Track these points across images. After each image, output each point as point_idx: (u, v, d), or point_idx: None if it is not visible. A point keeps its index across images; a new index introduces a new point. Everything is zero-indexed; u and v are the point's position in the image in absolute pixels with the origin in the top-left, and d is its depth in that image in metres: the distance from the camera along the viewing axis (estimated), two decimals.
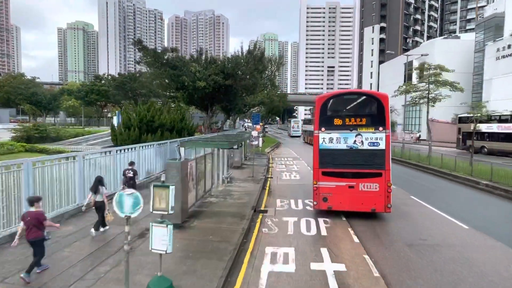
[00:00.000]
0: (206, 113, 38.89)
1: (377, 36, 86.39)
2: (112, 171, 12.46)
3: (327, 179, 10.61)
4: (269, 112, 67.34)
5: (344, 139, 10.47)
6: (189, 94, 34.23)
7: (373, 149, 10.26)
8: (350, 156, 10.42)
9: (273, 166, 24.75)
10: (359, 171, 10.35)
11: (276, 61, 43.28)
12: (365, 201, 10.37)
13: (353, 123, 10.48)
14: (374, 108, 10.60)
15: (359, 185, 10.34)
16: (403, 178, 19.34)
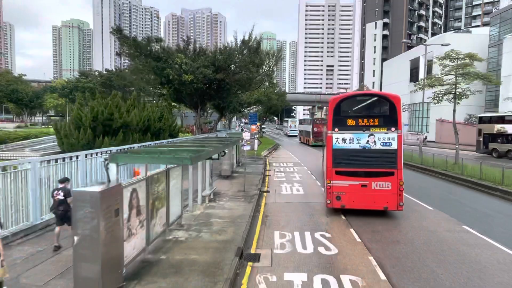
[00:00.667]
0: (196, 111, 34.78)
1: (380, 32, 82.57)
2: (32, 194, 8.42)
3: (340, 178, 10.82)
4: (266, 112, 63.42)
5: (357, 139, 10.70)
6: (176, 90, 30.15)
7: (385, 149, 10.49)
8: (363, 155, 10.63)
9: (270, 174, 20.73)
10: (371, 170, 10.57)
11: (274, 54, 39.19)
12: (378, 200, 10.57)
13: (366, 124, 10.72)
14: (387, 109, 10.81)
15: (372, 184, 10.54)
16: (437, 194, 15.21)
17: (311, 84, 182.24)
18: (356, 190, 10.64)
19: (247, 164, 23.85)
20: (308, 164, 25.81)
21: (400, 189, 10.41)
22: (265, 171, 21.77)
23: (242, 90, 39.64)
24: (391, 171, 10.38)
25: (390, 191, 10.41)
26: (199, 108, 33.89)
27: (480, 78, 21.55)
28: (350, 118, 10.96)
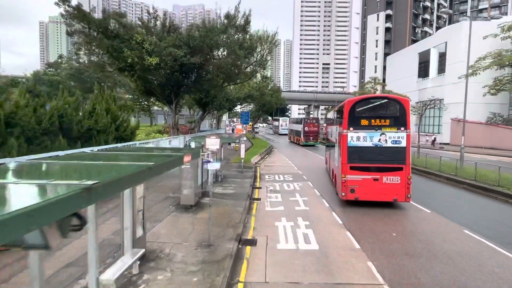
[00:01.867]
0: (170, 107, 27.91)
1: (383, 24, 76.49)
2: None
3: (354, 173, 11.99)
4: (259, 110, 56.79)
5: (370, 137, 11.82)
6: (141, 79, 23.25)
7: (395, 147, 11.66)
8: (375, 152, 11.82)
9: (260, 197, 14.02)
10: (383, 166, 11.81)
11: (268, 40, 32.43)
12: (388, 192, 11.89)
13: (378, 124, 11.82)
14: (397, 110, 11.87)
15: (383, 178, 11.82)
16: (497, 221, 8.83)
17: (306, 82, 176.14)
18: (368, 183, 11.95)
19: (229, 178, 17.14)
20: (313, 177, 19.16)
21: (408, 182, 11.70)
22: (253, 191, 15.05)
23: (229, 82, 32.87)
24: (400, 167, 11.72)
25: (399, 185, 11.74)
26: (174, 103, 27.00)
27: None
28: (363, 118, 11.98)
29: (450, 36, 48.19)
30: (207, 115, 38.74)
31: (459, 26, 46.86)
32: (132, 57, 20.38)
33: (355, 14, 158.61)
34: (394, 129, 11.64)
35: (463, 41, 45.47)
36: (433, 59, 52.62)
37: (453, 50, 47.17)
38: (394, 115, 11.86)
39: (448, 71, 48.12)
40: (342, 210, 12.01)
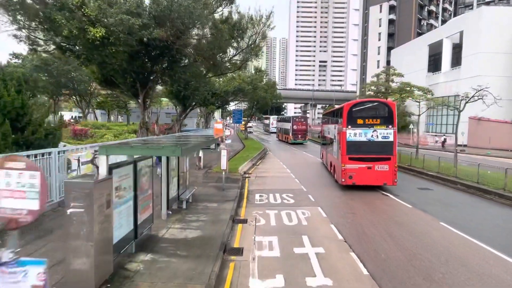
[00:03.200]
0: (137, 101, 22.03)
1: (386, 16, 71.02)
2: None
3: (352, 163, 14.36)
4: (252, 107, 50.99)
5: (364, 133, 14.37)
6: (89, 60, 17.36)
7: (385, 141, 14.27)
8: (369, 146, 14.34)
9: (242, 247, 8.22)
10: (375, 157, 14.29)
11: (261, 21, 26.66)
12: (379, 178, 14.28)
13: (371, 122, 14.42)
14: (386, 112, 14.59)
15: (375, 166, 14.23)
16: None
17: (303, 81, 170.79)
18: (363, 171, 14.34)
19: (200, 202, 11.27)
20: (322, 195, 13.44)
21: (395, 169, 14.32)
22: (232, 230, 9.25)
23: (215, 72, 27.05)
24: (388, 157, 14.24)
25: (388, 172, 14.19)
26: (141, 95, 21.09)
27: None
28: (359, 118, 14.58)
29: (467, 24, 42.79)
30: (189, 112, 32.84)
31: (478, 13, 41.53)
32: (69, 28, 14.47)
33: (353, 10, 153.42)
34: (384, 126, 14.32)
35: (483, 30, 40.21)
36: (446, 51, 47.25)
37: (470, 40, 41.80)
38: (384, 115, 14.54)
39: (464, 64, 42.75)
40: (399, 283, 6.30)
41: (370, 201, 12.90)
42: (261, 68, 44.92)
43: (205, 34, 19.97)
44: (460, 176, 16.05)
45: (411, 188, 15.45)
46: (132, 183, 6.98)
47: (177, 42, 17.62)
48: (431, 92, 25.63)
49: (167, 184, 9.62)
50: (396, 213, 11.15)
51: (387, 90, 26.28)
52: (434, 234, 9.06)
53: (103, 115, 75.38)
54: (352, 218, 10.48)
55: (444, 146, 40.26)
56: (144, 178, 7.71)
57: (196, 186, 14.89)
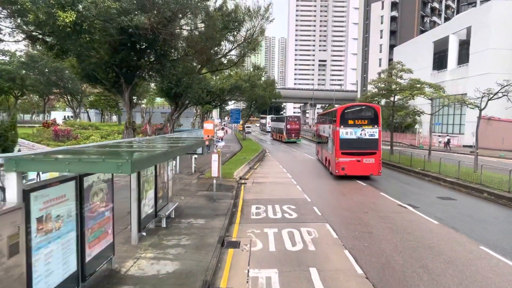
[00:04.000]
0: (122, 97, 20.01)
1: (388, 13, 68.96)
2: None
3: (344, 157, 16.90)
4: (250, 106, 48.89)
5: (354, 132, 16.91)
6: (64, 52, 15.32)
7: (371, 138, 16.82)
8: (358, 142, 16.85)
9: (231, 287, 6.20)
10: (363, 151, 16.77)
11: (258, 14, 24.66)
12: (366, 169, 16.79)
13: (359, 123, 16.99)
14: (372, 114, 17.20)
15: (363, 159, 16.77)
16: None
17: (302, 80, 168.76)
18: (353, 163, 16.82)
19: (185, 218, 9.16)
20: (329, 206, 11.43)
21: (380, 162, 16.83)
22: (219, 260, 7.22)
23: (209, 67, 25.07)
24: (374, 152, 16.72)
25: (374, 164, 16.67)
26: (126, 92, 19.04)
27: None
28: (350, 119, 17.09)
29: (475, 19, 40.84)
30: (182, 111, 30.77)
31: (487, 8, 39.56)
32: (35, 12, 12.43)
33: (353, 9, 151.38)
34: (370, 126, 17.00)
35: (493, 25, 38.25)
36: (452, 47, 45.29)
37: (479, 36, 39.84)
38: (370, 117, 17.22)
39: (472, 61, 40.81)
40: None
41: (386, 214, 10.89)
42: (259, 65, 42.85)
43: (196, 24, 17.97)
44: (486, 183, 14.06)
45: (430, 198, 13.45)
46: (74, 207, 4.96)
47: (163, 31, 15.57)
48: (443, 89, 23.62)
49: (138, 200, 7.60)
50: (422, 232, 9.15)
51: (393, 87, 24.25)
52: (479, 264, 7.07)
53: (97, 115, 73.25)
54: (369, 240, 8.48)
55: (448, 146, 38.29)
56: (99, 196, 5.70)
57: (184, 196, 12.91)
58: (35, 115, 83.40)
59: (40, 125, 37.64)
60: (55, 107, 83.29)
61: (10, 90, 47.62)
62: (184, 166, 19.90)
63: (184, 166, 19.96)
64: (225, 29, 19.35)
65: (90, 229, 5.46)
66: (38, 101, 71.75)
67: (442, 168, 17.35)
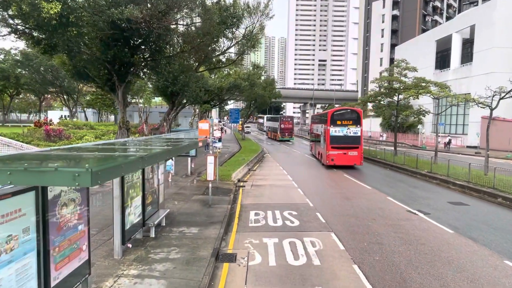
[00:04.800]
0: (114, 95, 19.14)
1: (389, 12, 68.14)
2: None
3: (333, 150, 20.89)
4: (250, 105, 48.03)
5: (341, 130, 20.99)
6: (52, 48, 14.51)
7: (354, 135, 20.93)
8: (344, 138, 20.92)
9: None
10: (348, 146, 20.89)
11: (258, 10, 23.85)
12: (351, 160, 20.88)
13: (345, 123, 21.10)
14: (355, 115, 21.47)
15: (348, 152, 20.82)
16: None
17: (302, 80, 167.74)
18: (340, 155, 20.84)
19: (177, 227, 8.24)
20: (333, 211, 10.59)
21: (361, 155, 21.12)
22: (212, 282, 6.35)
23: (207, 65, 24.24)
24: (357, 146, 20.84)
25: (356, 156, 20.82)
26: (119, 90, 18.17)
27: None
28: (338, 120, 21.21)
29: (479, 18, 40.04)
30: (180, 111, 29.92)
31: (492, 5, 38.74)
32: (17, 2, 11.57)
33: (353, 9, 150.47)
34: (354, 126, 21.11)
35: (498, 23, 37.45)
36: (456, 46, 44.47)
37: (483, 35, 39.03)
38: (354, 118, 21.36)
39: (476, 60, 40.01)
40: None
41: (395, 222, 10.06)
42: (259, 64, 41.98)
43: (192, 18, 17.13)
44: (500, 187, 13.22)
45: (441, 203, 12.62)
46: (34, 223, 4.11)
47: (157, 26, 14.71)
48: (449, 88, 22.78)
49: (121, 208, 6.76)
50: (437, 243, 8.31)
51: (398, 86, 23.43)
52: (508, 284, 6.23)
53: (95, 115, 72.33)
54: (380, 253, 7.64)
55: (448, 147, 37.50)
56: (69, 208, 4.85)
57: (177, 200, 12.07)
58: (32, 115, 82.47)
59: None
60: (53, 106, 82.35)
61: (5, 89, 46.79)
62: (180, 168, 19.05)
63: (180, 167, 19.11)
64: (223, 24, 18.50)
65: (57, 248, 4.61)
66: (35, 101, 70.91)
67: (450, 171, 16.51)
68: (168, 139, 10.42)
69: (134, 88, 37.73)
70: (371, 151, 27.97)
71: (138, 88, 41.96)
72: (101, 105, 44.94)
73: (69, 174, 2.84)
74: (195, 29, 17.95)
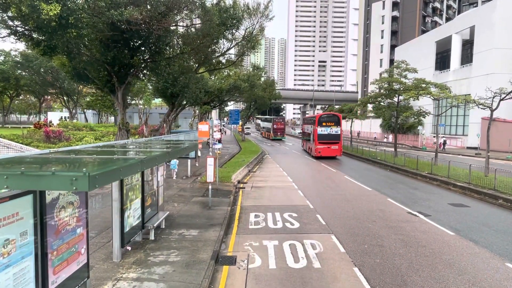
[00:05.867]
0: (114, 96, 19.12)
1: (389, 13, 68.19)
2: None
3: (320, 144, 26.91)
4: (250, 106, 48.02)
5: (326, 129, 26.92)
6: (52, 49, 14.50)
7: (336, 134, 26.98)
8: (328, 136, 26.92)
9: None
10: (331, 141, 26.91)
11: (258, 11, 23.88)
12: (333, 152, 26.93)
13: (329, 124, 27.16)
14: (337, 118, 27.82)
15: (331, 146, 26.79)
16: None
17: (302, 81, 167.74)
18: (325, 148, 26.76)
19: (176, 229, 8.20)
20: (334, 213, 10.54)
21: (341, 148, 27.41)
22: (209, 286, 6.31)
23: (207, 66, 24.24)
24: (337, 142, 26.89)
25: (337, 149, 26.90)
26: (119, 92, 18.15)
27: None
28: (324, 122, 27.31)
29: (479, 18, 40.07)
30: (180, 112, 29.92)
31: (492, 6, 38.77)
32: (17, 4, 11.57)
33: (353, 10, 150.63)
34: (336, 126, 27.17)
35: (498, 24, 37.46)
36: (455, 47, 44.50)
37: (483, 36, 39.05)
38: (335, 121, 27.62)
39: (476, 61, 40.01)
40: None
41: (396, 224, 10.02)
42: (259, 65, 41.99)
43: (192, 19, 17.11)
44: (500, 188, 13.18)
45: (441, 204, 12.57)
46: (32, 227, 4.08)
47: (157, 27, 14.69)
48: (449, 89, 22.76)
49: (120, 211, 6.72)
50: (438, 245, 8.26)
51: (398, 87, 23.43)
52: (509, 286, 6.19)
53: (95, 116, 72.34)
54: (381, 255, 7.59)
55: (443, 147, 37.44)
56: (68, 211, 4.81)
57: (177, 202, 12.03)
58: (32, 116, 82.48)
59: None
60: (53, 107, 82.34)
61: (5, 90, 46.78)
62: (180, 169, 19.00)
63: (180, 169, 19.06)
64: (223, 25, 18.49)
65: (55, 251, 4.57)
66: (35, 102, 70.91)
67: (451, 172, 16.47)
68: (168, 141, 10.38)
69: (134, 89, 37.77)
70: (371, 152, 27.93)
71: (138, 89, 42.01)
72: (101, 106, 44.96)
73: (66, 178, 2.81)
74: (195, 31, 17.95)
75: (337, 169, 22.05)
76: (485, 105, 16.68)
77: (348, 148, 33.67)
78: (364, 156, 27.86)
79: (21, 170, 2.92)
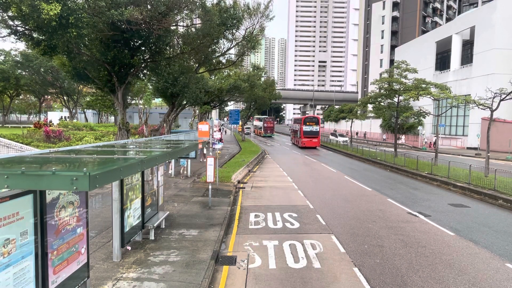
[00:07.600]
0: (114, 96, 19.09)
1: (389, 13, 68.20)
2: None
3: (304, 138, 38.88)
4: (250, 106, 48.03)
5: (309, 128, 38.99)
6: (52, 49, 14.51)
7: (316, 130, 39.35)
8: (310, 132, 38.99)
9: None
10: (312, 136, 39.16)
11: (258, 11, 23.86)
12: (314, 144, 39.20)
13: (311, 124, 39.11)
14: (316, 120, 40.30)
15: (312, 139, 39.14)
16: None
17: (302, 81, 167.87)
18: (308, 141, 38.81)
19: (176, 229, 8.17)
20: (333, 213, 10.55)
21: (319, 141, 40.50)
22: (209, 286, 6.32)
23: (207, 66, 24.25)
24: (316, 136, 39.51)
25: (316, 141, 39.63)
26: (119, 91, 18.15)
27: None
28: (307, 122, 39.03)
29: (479, 19, 40.08)
30: (180, 112, 29.92)
31: (492, 6, 38.76)
32: (17, 4, 11.57)
33: (353, 10, 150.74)
34: (316, 125, 39.09)
35: (498, 24, 37.48)
36: (456, 48, 44.51)
37: (483, 36, 39.07)
38: (315, 121, 39.55)
39: (476, 61, 40.03)
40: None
41: (396, 224, 10.02)
42: (259, 65, 41.99)
43: (192, 19, 17.12)
44: (500, 189, 13.18)
45: (441, 204, 12.58)
46: (32, 227, 4.08)
47: (157, 27, 14.69)
48: (449, 90, 22.76)
49: (120, 211, 6.72)
50: (438, 246, 8.26)
51: (398, 88, 23.44)
52: (509, 286, 6.19)
53: (95, 116, 72.33)
54: (381, 256, 7.59)
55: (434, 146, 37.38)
56: (68, 211, 4.81)
57: (177, 202, 12.02)
58: (32, 116, 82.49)
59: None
60: (53, 107, 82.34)
61: (5, 90, 46.76)
62: (180, 169, 19.00)
63: (179, 169, 19.07)
64: (223, 25, 18.48)
65: (55, 251, 4.58)
66: (35, 102, 70.92)
67: (450, 172, 16.47)
68: (168, 140, 10.39)
69: (134, 89, 37.79)
70: (371, 153, 27.94)
71: (138, 89, 42.04)
72: (101, 106, 45.00)
73: (66, 178, 2.81)
74: (195, 31, 17.95)
75: (337, 169, 22.05)
76: (485, 106, 16.68)
77: (348, 149, 33.64)
78: (364, 156, 27.85)
79: (21, 169, 2.92)
